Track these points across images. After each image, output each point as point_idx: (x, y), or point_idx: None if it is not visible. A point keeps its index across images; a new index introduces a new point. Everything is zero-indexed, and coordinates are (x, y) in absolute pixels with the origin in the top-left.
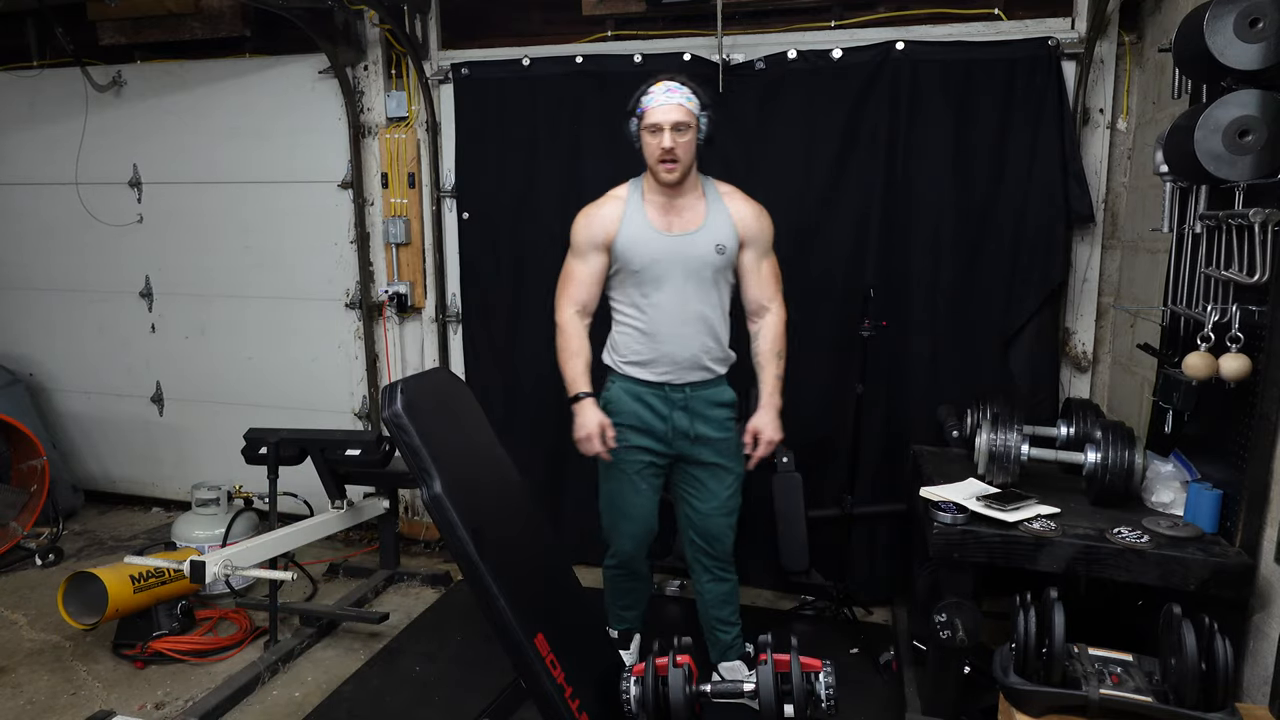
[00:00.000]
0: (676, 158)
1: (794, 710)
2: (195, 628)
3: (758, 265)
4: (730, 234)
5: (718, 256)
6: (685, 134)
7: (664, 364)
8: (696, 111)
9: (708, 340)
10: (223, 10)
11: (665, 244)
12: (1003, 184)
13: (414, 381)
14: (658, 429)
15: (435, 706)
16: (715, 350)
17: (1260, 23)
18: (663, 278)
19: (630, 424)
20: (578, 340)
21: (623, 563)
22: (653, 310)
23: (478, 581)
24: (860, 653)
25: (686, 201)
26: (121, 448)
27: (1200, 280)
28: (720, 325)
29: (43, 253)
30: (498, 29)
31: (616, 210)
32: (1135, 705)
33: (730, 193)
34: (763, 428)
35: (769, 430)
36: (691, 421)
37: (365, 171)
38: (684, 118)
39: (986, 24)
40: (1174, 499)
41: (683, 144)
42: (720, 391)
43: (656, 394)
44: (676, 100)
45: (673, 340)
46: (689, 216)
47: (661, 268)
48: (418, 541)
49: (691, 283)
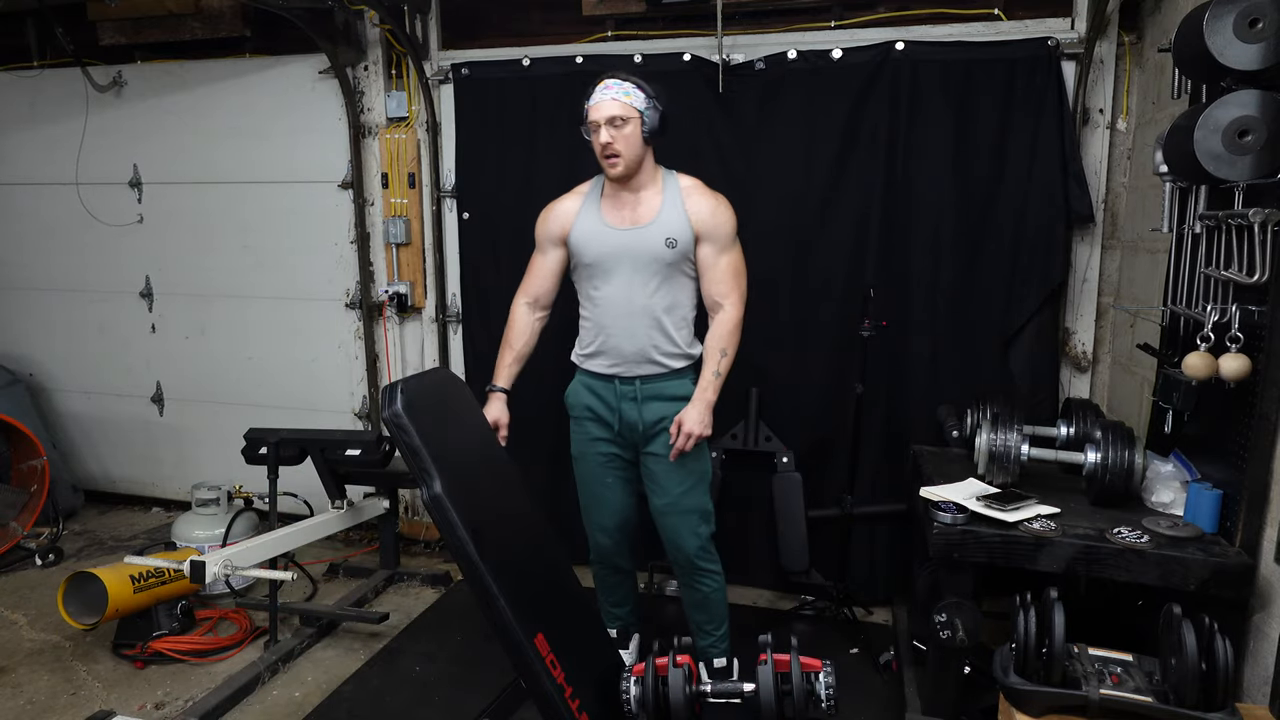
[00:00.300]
0: (616, 152)
1: (794, 710)
2: (195, 628)
3: (714, 261)
4: (683, 227)
5: (668, 250)
6: (623, 127)
7: (612, 356)
8: (639, 105)
9: (656, 334)
10: (223, 10)
11: (615, 238)
12: (1003, 184)
13: (414, 381)
14: (610, 421)
15: (435, 706)
16: (666, 345)
17: (1260, 23)
18: (611, 271)
19: (587, 416)
20: (514, 331)
21: (601, 557)
22: (603, 303)
23: (478, 581)
24: (860, 653)
25: (643, 196)
26: (121, 448)
27: (1200, 280)
28: (673, 320)
29: (43, 253)
30: (498, 29)
31: (574, 205)
32: (1135, 705)
33: (691, 186)
34: (684, 418)
35: (689, 422)
36: (641, 414)
37: (365, 171)
38: (620, 112)
39: (986, 24)
40: (1174, 499)
41: (622, 137)
42: (674, 385)
43: (607, 386)
44: (611, 95)
45: (620, 333)
46: (642, 211)
47: (611, 261)
48: (418, 541)
49: (640, 276)
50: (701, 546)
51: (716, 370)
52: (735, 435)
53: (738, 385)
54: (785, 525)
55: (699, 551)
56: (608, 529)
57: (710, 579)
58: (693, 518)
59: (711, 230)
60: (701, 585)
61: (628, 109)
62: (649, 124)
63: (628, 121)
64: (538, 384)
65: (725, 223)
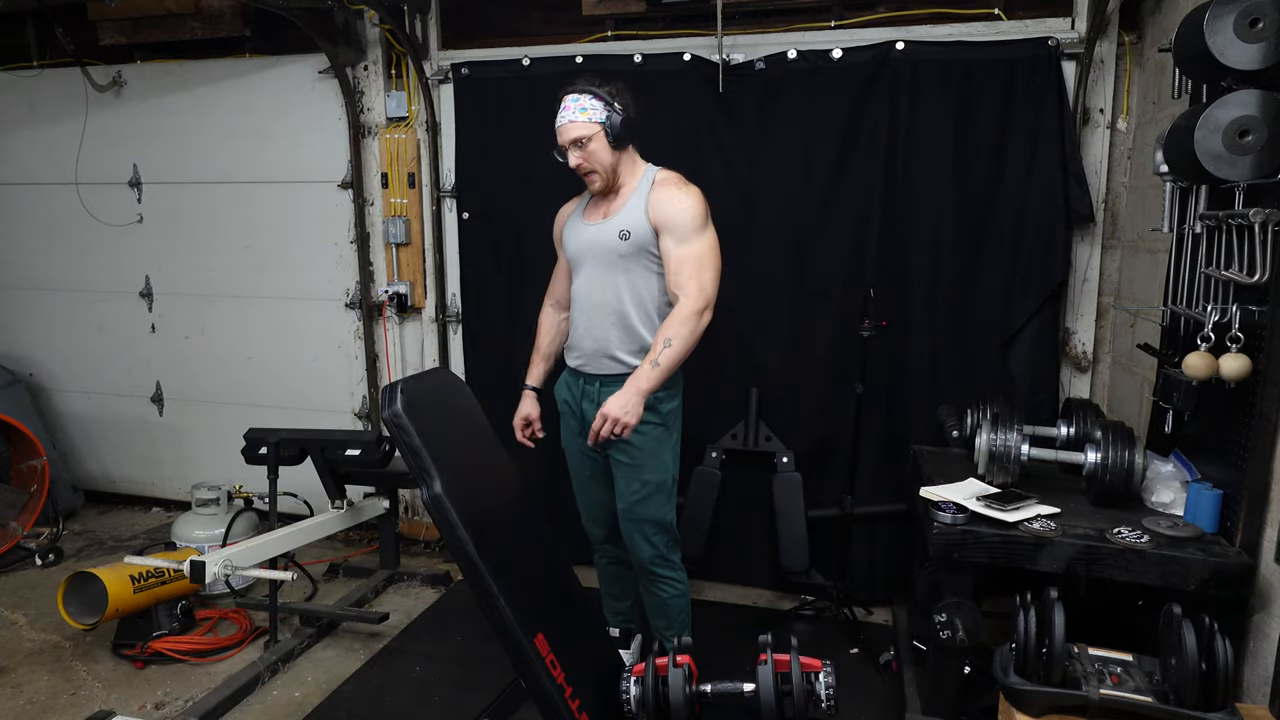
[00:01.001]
0: (588, 171)
1: (794, 710)
2: (195, 628)
3: (673, 252)
4: (639, 219)
5: (621, 243)
6: (588, 145)
7: (577, 351)
8: (598, 118)
9: (614, 330)
10: (223, 10)
11: (585, 234)
12: (1003, 184)
13: (414, 381)
14: (577, 415)
15: (435, 706)
16: (625, 342)
17: (1260, 23)
18: (581, 266)
19: (564, 410)
20: (540, 330)
21: (597, 546)
22: (575, 298)
23: (478, 581)
24: (860, 653)
25: (622, 193)
26: (121, 448)
27: (1200, 280)
28: (636, 315)
29: (43, 253)
30: (498, 29)
31: (571, 207)
32: (1135, 705)
33: (663, 180)
34: (608, 403)
35: (611, 406)
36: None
37: (365, 171)
38: (581, 133)
39: (986, 24)
40: (1174, 499)
41: (588, 155)
42: None
43: (575, 382)
44: (569, 117)
45: (582, 327)
46: (614, 206)
47: (581, 256)
48: (418, 541)
49: (600, 270)
50: (657, 555)
51: (655, 360)
52: (735, 435)
53: (738, 385)
54: (785, 525)
55: (653, 559)
56: (596, 519)
57: (668, 585)
58: (646, 526)
59: (668, 220)
60: (659, 590)
61: (587, 126)
62: (613, 131)
63: (590, 138)
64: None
65: (683, 212)
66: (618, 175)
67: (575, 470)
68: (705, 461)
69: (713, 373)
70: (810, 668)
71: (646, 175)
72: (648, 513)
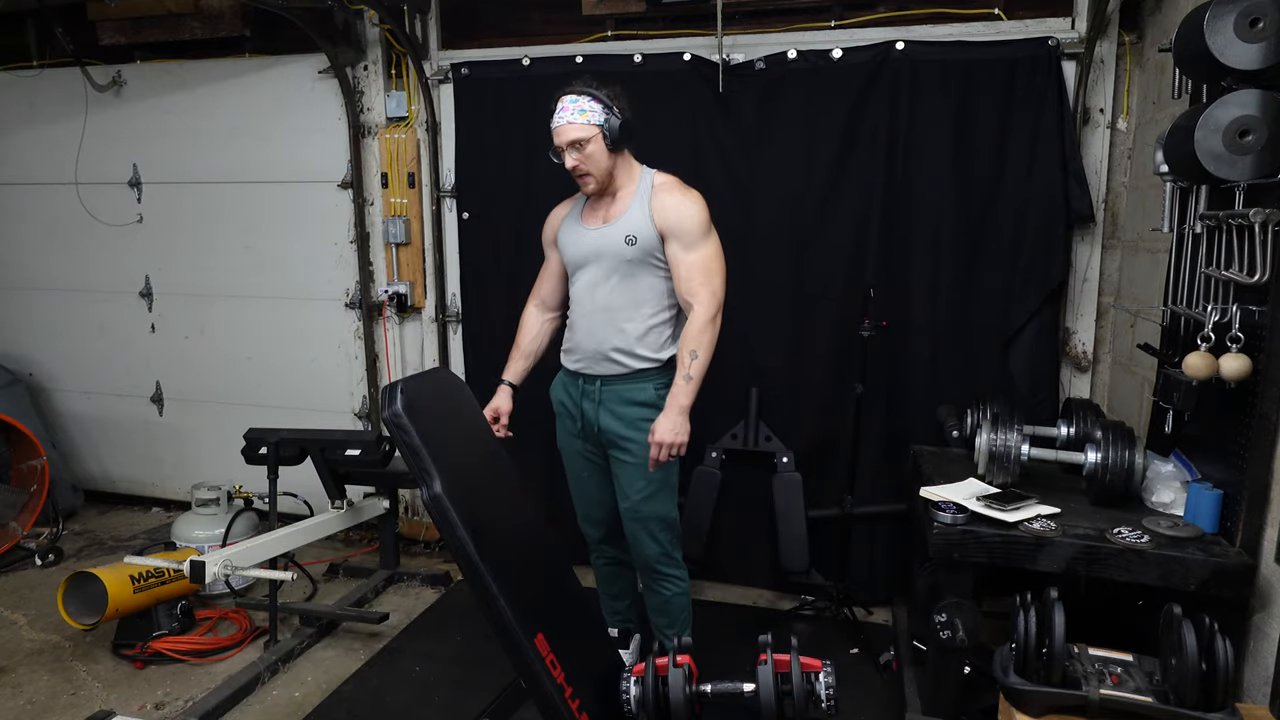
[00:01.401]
0: (584, 173)
1: (794, 710)
2: (195, 628)
3: (682, 258)
4: (645, 225)
5: (627, 248)
6: (585, 147)
7: (577, 353)
8: (597, 120)
9: (614, 333)
10: (223, 10)
11: (587, 238)
12: (1003, 184)
13: (414, 381)
14: (576, 416)
15: (435, 706)
16: (627, 343)
17: (1260, 23)
18: (582, 270)
19: (561, 411)
20: (521, 329)
21: (594, 546)
22: (574, 301)
23: (478, 581)
24: (860, 653)
25: (620, 196)
26: (121, 448)
27: (1200, 280)
28: (639, 318)
29: (43, 253)
30: (497, 29)
31: (565, 209)
32: (1135, 705)
33: (663, 184)
34: (656, 428)
35: (660, 431)
36: (598, 414)
37: (365, 171)
38: (579, 134)
39: (986, 24)
40: (1174, 499)
41: (586, 157)
42: (634, 389)
43: (574, 384)
44: (568, 118)
45: (582, 330)
46: (614, 211)
47: (584, 260)
48: (418, 541)
49: (602, 274)
50: (662, 552)
51: (688, 374)
52: (735, 435)
53: (738, 385)
54: (785, 525)
55: (659, 557)
56: (593, 520)
57: (671, 583)
58: (652, 524)
59: (675, 226)
60: (662, 589)
61: (586, 129)
62: (610, 134)
63: (589, 140)
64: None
65: (690, 218)
66: (613, 178)
67: (572, 471)
68: (705, 461)
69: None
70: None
71: (644, 178)
72: (653, 510)
